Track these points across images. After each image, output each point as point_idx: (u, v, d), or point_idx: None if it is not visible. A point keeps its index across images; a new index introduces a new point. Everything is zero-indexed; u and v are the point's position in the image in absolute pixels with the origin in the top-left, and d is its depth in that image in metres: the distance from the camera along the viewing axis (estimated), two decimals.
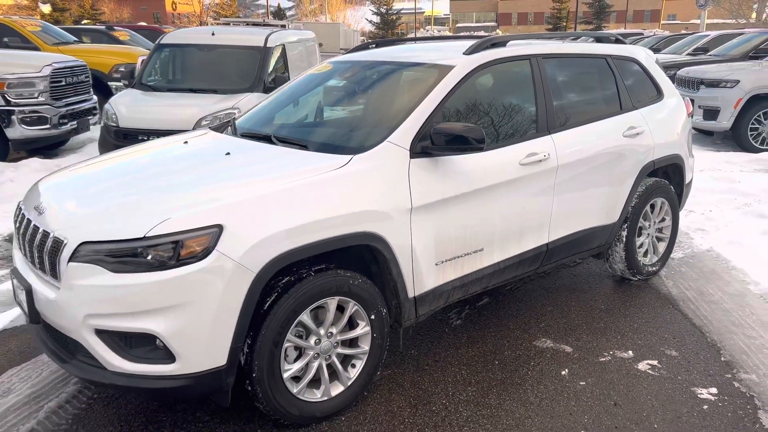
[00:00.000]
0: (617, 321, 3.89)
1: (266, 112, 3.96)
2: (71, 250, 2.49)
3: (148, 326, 2.43)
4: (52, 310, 2.59)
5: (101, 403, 3.06)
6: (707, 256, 4.89)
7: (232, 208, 2.53)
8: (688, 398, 3.05)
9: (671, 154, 4.41)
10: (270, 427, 2.85)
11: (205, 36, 8.16)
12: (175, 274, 2.40)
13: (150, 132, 6.64)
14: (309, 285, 2.68)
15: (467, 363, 3.40)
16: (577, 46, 4.18)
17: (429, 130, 3.06)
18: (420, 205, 2.99)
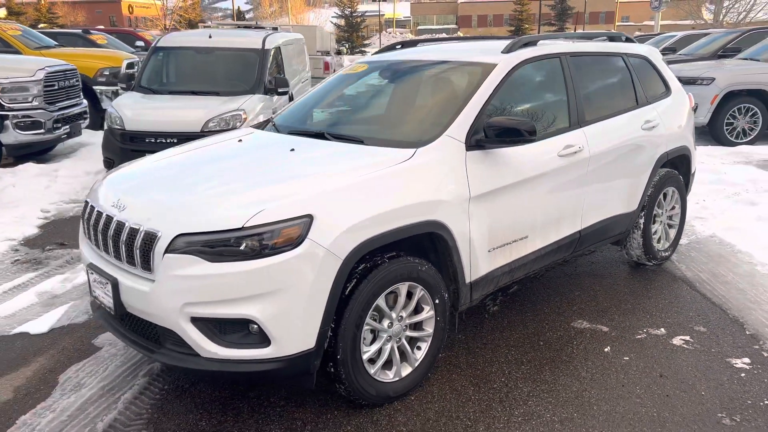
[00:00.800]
0: (643, 302, 4.15)
1: (305, 111, 4.11)
2: (167, 243, 2.60)
3: (247, 312, 2.55)
4: (145, 301, 2.68)
5: (174, 394, 3.16)
6: (711, 242, 5.21)
7: (320, 199, 2.67)
8: (725, 368, 3.31)
9: (681, 146, 4.71)
10: (345, 408, 2.99)
11: (202, 39, 8.22)
12: (272, 261, 2.53)
13: (158, 134, 6.71)
14: (384, 271, 2.84)
15: (514, 345, 3.60)
16: (596, 45, 4.43)
17: (481, 123, 3.26)
18: (476, 195, 3.17)
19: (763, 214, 5.69)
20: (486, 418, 2.91)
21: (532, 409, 2.98)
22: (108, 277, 2.83)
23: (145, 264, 2.68)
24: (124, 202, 2.90)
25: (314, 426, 2.88)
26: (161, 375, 3.33)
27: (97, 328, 3.90)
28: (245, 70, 7.86)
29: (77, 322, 3.99)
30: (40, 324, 3.92)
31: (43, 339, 3.77)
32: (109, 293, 2.84)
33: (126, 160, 6.65)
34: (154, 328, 2.79)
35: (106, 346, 3.66)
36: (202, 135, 6.66)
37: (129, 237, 2.75)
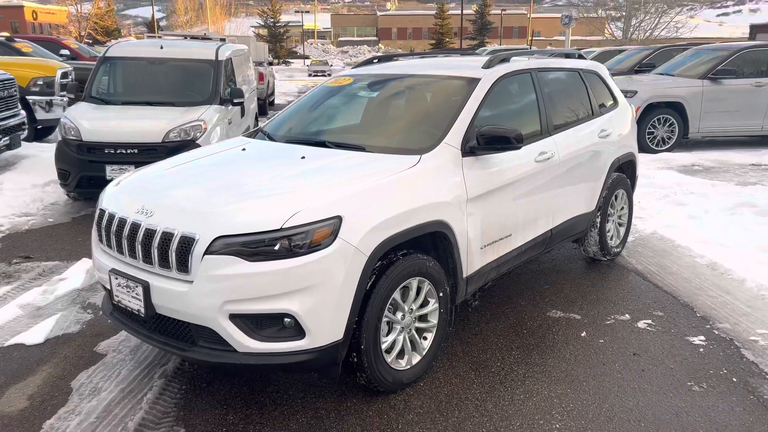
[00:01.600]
0: (605, 293, 4.61)
1: (298, 121, 4.32)
2: (206, 245, 2.76)
3: (286, 306, 2.75)
4: (181, 301, 2.82)
5: (193, 393, 3.28)
6: (653, 238, 5.79)
7: (347, 202, 2.91)
8: (685, 345, 3.78)
9: (628, 152, 5.24)
10: (363, 396, 3.23)
11: (153, 50, 8.19)
12: (308, 259, 2.75)
13: (118, 145, 6.67)
14: (400, 267, 3.10)
15: (501, 334, 3.94)
16: (558, 61, 4.88)
17: (472, 132, 3.60)
18: (473, 197, 3.50)
19: (693, 212, 6.35)
20: (492, 397, 3.22)
21: (530, 387, 3.32)
22: (138, 280, 2.95)
23: (182, 266, 2.83)
24: (149, 208, 3.02)
25: (337, 413, 3.09)
26: (176, 376, 3.44)
27: (94, 336, 3.94)
28: (200, 80, 7.90)
29: (72, 331, 4.00)
30: (35, 335, 3.91)
31: (41, 349, 3.77)
32: (139, 296, 2.95)
33: (84, 171, 6.65)
34: (185, 327, 2.93)
35: (111, 352, 3.72)
36: (163, 146, 6.73)
37: (162, 241, 2.88)
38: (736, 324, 4.03)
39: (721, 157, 10.00)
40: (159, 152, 6.71)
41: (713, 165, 9.47)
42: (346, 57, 71.97)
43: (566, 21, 31.71)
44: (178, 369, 3.53)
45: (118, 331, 4.00)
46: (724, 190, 7.38)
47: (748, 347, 3.73)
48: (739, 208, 6.29)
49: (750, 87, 10.36)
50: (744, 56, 10.55)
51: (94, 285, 4.80)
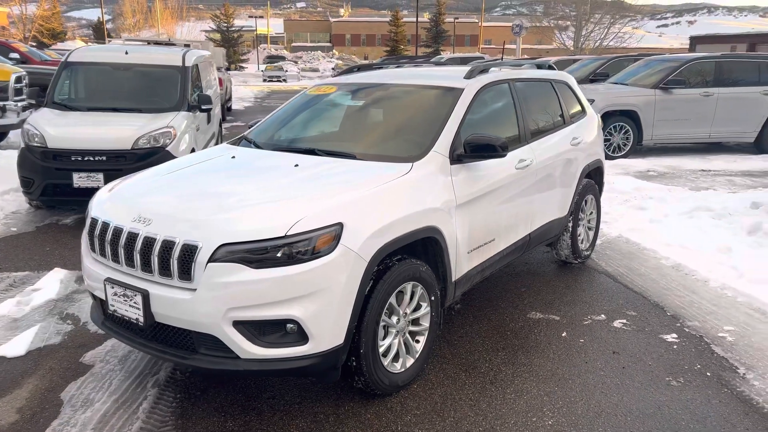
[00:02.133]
0: (579, 294, 4.79)
1: (281, 129, 4.36)
2: (209, 253, 2.78)
3: (290, 312, 2.80)
4: (183, 309, 2.83)
5: (189, 401, 3.28)
6: (620, 241, 6.03)
7: (347, 208, 2.98)
8: (660, 342, 3.97)
9: (597, 159, 5.47)
10: (359, 399, 3.29)
11: (118, 55, 8.06)
12: (312, 266, 2.80)
13: (85, 152, 6.54)
14: (395, 272, 3.18)
15: (485, 336, 4.06)
16: (532, 71, 5.06)
17: (459, 140, 3.72)
18: (461, 203, 3.61)
19: (654, 216, 6.64)
20: (484, 397, 3.33)
21: (519, 386, 3.44)
22: (137, 289, 2.94)
23: (184, 274, 2.84)
24: (146, 216, 3.02)
25: (336, 417, 3.14)
26: (169, 385, 3.43)
27: (78, 347, 3.88)
28: (167, 87, 7.81)
29: (53, 343, 3.93)
30: (15, 347, 3.83)
31: (24, 361, 3.70)
32: (138, 305, 2.94)
33: (48, 179, 6.50)
34: (186, 335, 2.94)
35: (98, 363, 3.67)
36: (133, 153, 6.64)
37: (163, 249, 2.88)
38: (704, 321, 4.25)
39: (674, 163, 10.45)
40: (128, 159, 6.63)
41: (667, 171, 9.89)
42: (300, 63, 71.68)
43: (517, 30, 32.45)
44: (170, 378, 3.51)
45: (103, 341, 3.95)
46: (679, 195, 7.72)
47: (718, 343, 3.95)
48: (696, 212, 6.61)
49: (698, 96, 10.86)
50: (692, 67, 11.06)
51: (70, 295, 4.71)
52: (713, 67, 11.09)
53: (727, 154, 11.31)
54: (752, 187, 8.70)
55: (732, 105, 10.93)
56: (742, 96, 10.98)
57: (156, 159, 6.72)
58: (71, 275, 5.13)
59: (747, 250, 5.46)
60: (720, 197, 7.28)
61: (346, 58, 75.10)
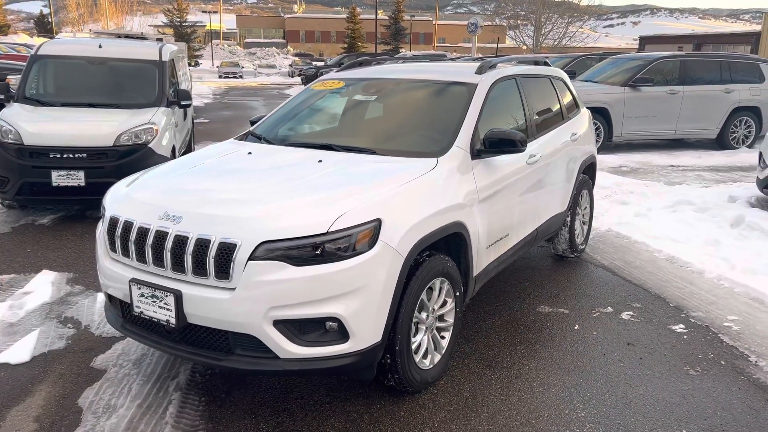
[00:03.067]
0: (582, 287, 4.86)
1: (291, 125, 4.28)
2: (249, 251, 2.70)
3: (333, 310, 2.74)
4: (221, 309, 2.74)
5: (215, 404, 3.19)
6: (610, 235, 6.16)
7: (383, 204, 2.93)
8: (670, 333, 4.07)
9: (591, 155, 5.56)
10: (389, 398, 3.25)
11: (91, 48, 7.78)
12: (353, 263, 2.75)
13: (65, 149, 6.30)
14: (426, 268, 3.16)
15: (501, 330, 4.08)
16: (534, 68, 5.10)
17: (477, 135, 3.72)
18: (482, 198, 3.62)
19: (638, 210, 6.80)
20: (513, 391, 3.34)
21: (545, 380, 3.47)
22: (168, 290, 2.83)
23: (221, 273, 2.75)
24: (174, 214, 2.91)
25: (370, 416, 3.10)
26: (192, 388, 3.33)
27: (85, 351, 3.73)
28: (144, 82, 7.58)
29: (57, 348, 3.76)
30: (19, 353, 3.65)
31: (30, 368, 3.53)
32: (170, 306, 2.84)
33: (26, 177, 6.24)
34: (220, 336, 2.85)
35: (111, 367, 3.53)
36: (115, 150, 6.43)
37: (197, 248, 2.78)
38: (708, 312, 4.38)
39: (644, 159, 10.74)
40: (110, 156, 6.41)
41: (638, 166, 10.16)
42: (254, 59, 70.75)
43: (473, 28, 32.74)
44: (191, 380, 3.40)
45: (111, 344, 3.80)
46: (657, 190, 7.94)
47: (725, 332, 4.07)
48: (679, 206, 6.81)
49: (665, 94, 11.18)
50: (658, 66, 11.37)
51: (64, 298, 4.52)
52: (678, 65, 11.44)
53: (691, 150, 11.68)
54: (721, 181, 9.01)
55: (696, 103, 11.31)
56: (705, 94, 11.37)
57: (138, 156, 6.55)
58: (61, 277, 4.92)
59: (733, 242, 5.64)
60: (697, 191, 7.51)
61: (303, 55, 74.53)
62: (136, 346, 3.76)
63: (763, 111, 11.69)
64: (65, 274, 5.01)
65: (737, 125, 11.73)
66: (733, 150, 11.60)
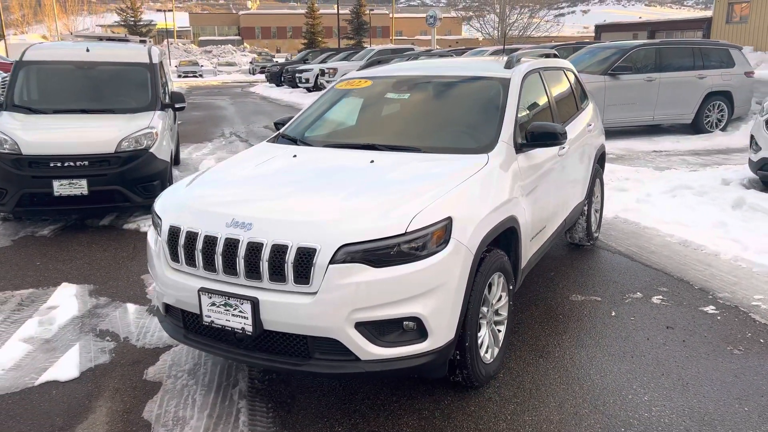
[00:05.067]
0: (606, 274, 4.97)
1: (325, 125, 4.27)
2: (330, 255, 2.69)
3: (413, 310, 2.76)
4: (302, 314, 2.72)
5: (283, 409, 3.17)
6: (618, 222, 6.30)
7: (451, 202, 2.96)
8: (703, 315, 4.20)
9: (602, 144, 5.68)
10: (454, 393, 3.27)
11: (78, 52, 7.57)
12: (431, 261, 2.77)
13: (65, 158, 6.14)
14: (488, 263, 3.19)
15: (542, 321, 4.14)
16: (550, 60, 5.17)
17: (517, 129, 3.77)
18: (527, 191, 3.67)
19: (639, 197, 6.97)
20: (572, 380, 3.40)
21: (600, 367, 3.54)
22: (244, 297, 2.80)
23: (301, 278, 2.73)
24: (243, 221, 2.87)
25: (441, 413, 3.12)
26: (255, 395, 3.30)
27: (133, 364, 3.66)
28: (137, 85, 7.43)
29: (103, 362, 3.68)
30: (66, 370, 3.56)
31: (82, 384, 3.44)
32: (245, 313, 2.81)
33: (26, 188, 6.06)
34: (298, 341, 2.83)
35: (167, 379, 3.47)
36: (117, 156, 6.29)
37: (274, 254, 2.75)
38: (734, 293, 4.53)
39: (626, 146, 10.99)
40: (112, 163, 6.27)
41: (624, 153, 10.39)
42: (211, 57, 69.62)
43: (431, 21, 32.87)
44: (252, 387, 3.37)
45: (158, 355, 3.74)
46: (650, 176, 8.15)
47: (755, 312, 4.22)
48: (678, 190, 7.00)
49: (642, 82, 11.46)
50: (635, 54, 11.64)
51: (93, 311, 4.42)
52: (654, 53, 11.73)
53: (669, 135, 12.00)
54: (706, 164, 9.30)
55: (672, 89, 11.61)
56: (681, 80, 11.68)
57: (140, 162, 6.44)
58: (82, 289, 4.80)
59: (739, 223, 5.84)
60: (692, 176, 7.74)
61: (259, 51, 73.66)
62: (186, 356, 3.70)
63: (734, 95, 12.08)
64: (85, 286, 4.88)
65: (711, 110, 12.09)
66: (708, 134, 11.96)
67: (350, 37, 49.07)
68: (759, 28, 26.70)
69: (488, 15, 34.23)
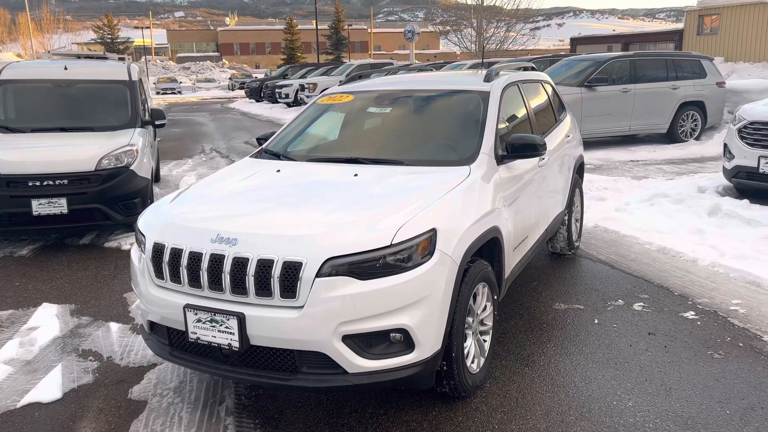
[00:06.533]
0: (588, 282, 5.03)
1: (307, 140, 4.28)
2: (316, 268, 2.70)
3: (400, 321, 2.77)
4: (289, 329, 2.73)
5: (271, 424, 3.16)
6: (599, 231, 6.39)
7: (435, 214, 2.99)
8: (683, 321, 4.27)
9: (581, 155, 5.77)
10: (441, 404, 3.28)
11: (56, 71, 7.54)
12: (417, 273, 2.80)
13: (44, 177, 6.08)
14: (472, 274, 3.22)
15: (526, 330, 4.18)
16: (528, 74, 5.25)
17: (498, 141, 3.82)
18: (509, 202, 3.72)
19: (617, 206, 7.08)
20: (558, 388, 3.44)
21: (584, 375, 3.58)
22: (230, 313, 2.79)
23: (287, 293, 2.73)
24: (228, 237, 2.87)
25: (429, 423, 3.14)
26: (242, 411, 3.29)
27: (117, 383, 3.62)
28: (116, 103, 7.42)
29: (86, 382, 3.64)
30: (48, 391, 3.51)
31: (65, 405, 3.40)
32: (232, 329, 2.80)
33: (4, 208, 5.96)
34: (285, 355, 2.83)
35: (152, 397, 3.44)
36: (97, 174, 6.25)
37: (259, 269, 2.76)
38: (712, 298, 4.61)
39: (604, 156, 11.15)
40: (92, 181, 6.23)
41: (601, 163, 10.55)
42: (189, 73, 69.40)
43: (410, 35, 33.13)
44: (239, 404, 3.36)
45: (142, 374, 3.70)
46: (628, 185, 8.28)
47: (733, 316, 4.30)
48: (655, 198, 7.12)
49: (618, 93, 11.67)
50: (610, 66, 11.86)
51: (75, 330, 4.36)
52: (629, 65, 11.95)
53: (645, 145, 12.21)
54: (682, 173, 9.47)
55: (647, 100, 11.83)
56: (655, 91, 11.91)
57: (120, 180, 6.41)
58: (63, 309, 4.75)
59: (716, 230, 5.96)
60: (668, 184, 7.88)
61: (238, 68, 73.60)
62: (171, 374, 3.67)
63: (707, 105, 12.34)
64: (66, 305, 4.82)
65: (684, 119, 12.34)
66: (683, 143, 12.19)
67: (329, 52, 49.37)
68: (729, 39, 27.33)
69: (465, 29, 34.65)
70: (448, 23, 38.91)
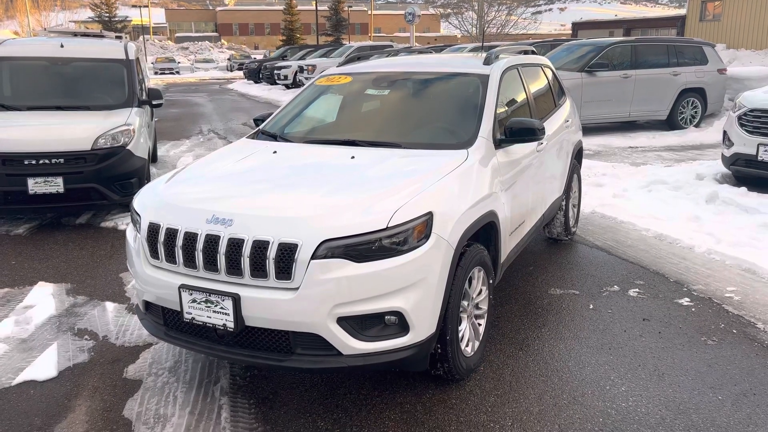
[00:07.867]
0: (584, 268, 5.04)
1: (304, 122, 4.25)
2: (311, 250, 2.70)
3: (395, 304, 2.78)
4: (284, 310, 2.73)
5: (266, 405, 3.18)
6: (596, 217, 6.38)
7: (432, 197, 2.98)
8: (678, 307, 4.28)
9: (580, 140, 5.75)
10: (435, 386, 3.30)
11: (52, 48, 7.46)
12: (413, 256, 2.79)
13: (40, 155, 6.03)
14: (469, 258, 3.22)
15: (521, 314, 4.19)
16: (528, 57, 5.21)
17: (496, 125, 3.80)
18: (506, 186, 3.71)
19: (615, 192, 7.07)
20: (552, 372, 3.45)
21: (578, 359, 3.60)
22: (225, 294, 2.79)
23: (283, 274, 2.73)
24: (223, 217, 2.86)
25: (423, 406, 3.15)
26: (237, 391, 3.30)
27: (112, 362, 3.63)
28: (113, 81, 7.35)
29: (82, 361, 3.65)
30: (43, 369, 3.52)
31: (60, 383, 3.41)
32: (227, 310, 2.80)
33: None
34: (280, 337, 2.83)
35: (147, 376, 3.45)
36: (93, 153, 6.21)
37: (255, 250, 2.75)
38: (707, 285, 4.62)
39: (603, 142, 11.12)
40: (88, 161, 6.19)
41: (600, 149, 10.53)
42: (187, 54, 68.90)
43: (410, 18, 32.87)
44: (233, 384, 3.37)
45: (138, 353, 3.71)
46: (626, 171, 8.27)
47: (728, 303, 4.31)
48: (654, 185, 7.12)
49: (619, 78, 11.61)
50: (611, 51, 11.79)
51: (70, 309, 4.37)
52: (630, 50, 11.88)
53: (645, 131, 12.17)
54: (680, 160, 9.45)
55: (647, 86, 11.78)
56: (655, 77, 11.85)
57: (117, 159, 6.37)
58: (59, 288, 4.75)
59: (713, 217, 5.96)
60: (667, 171, 7.87)
61: (237, 48, 73.08)
62: (166, 354, 3.69)
63: (707, 92, 12.29)
64: (62, 285, 4.82)
65: (684, 106, 12.29)
66: (682, 130, 12.15)
67: (329, 33, 48.99)
68: (731, 26, 27.15)
69: (466, 12, 34.36)
70: (449, 6, 38.61)
